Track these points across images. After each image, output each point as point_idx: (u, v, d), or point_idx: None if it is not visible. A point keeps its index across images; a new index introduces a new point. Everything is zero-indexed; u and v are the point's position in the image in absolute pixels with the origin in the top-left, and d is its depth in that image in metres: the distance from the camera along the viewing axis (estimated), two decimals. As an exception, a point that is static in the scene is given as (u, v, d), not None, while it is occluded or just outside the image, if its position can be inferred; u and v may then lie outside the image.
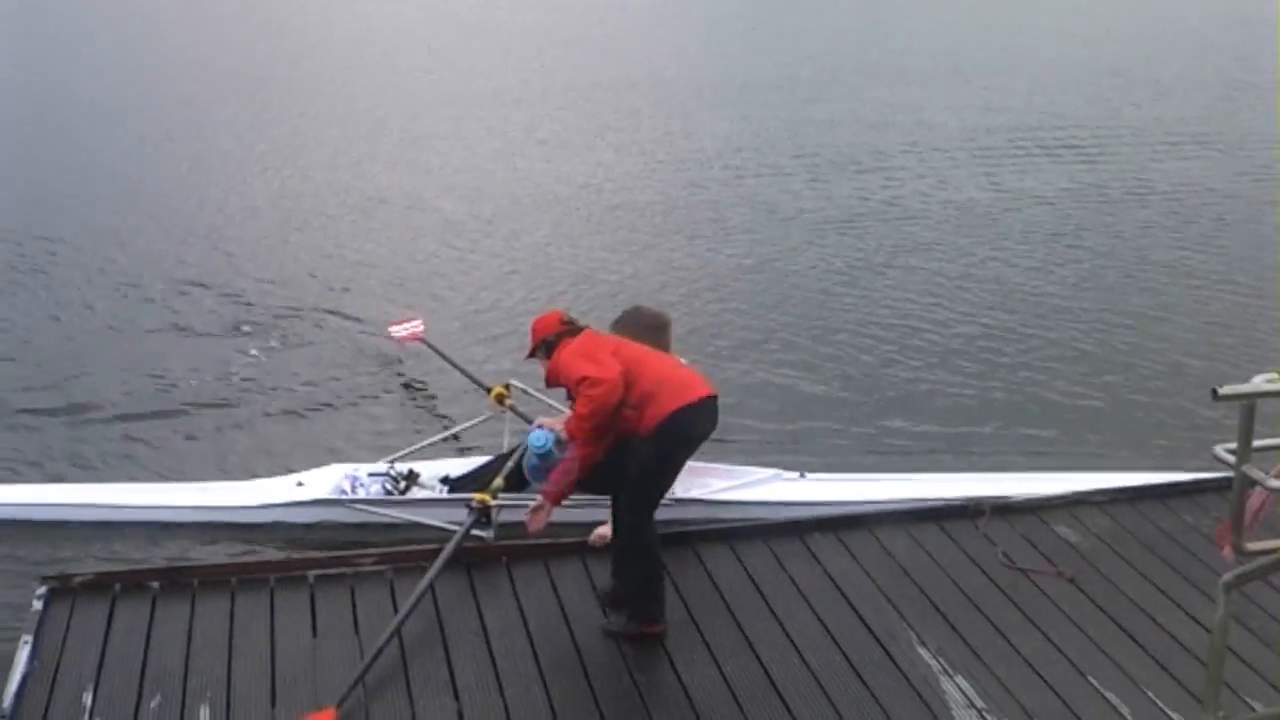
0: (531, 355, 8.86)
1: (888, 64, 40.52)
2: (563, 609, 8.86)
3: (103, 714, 7.76)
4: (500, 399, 11.17)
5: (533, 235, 21.35)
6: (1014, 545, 9.72)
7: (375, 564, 9.20)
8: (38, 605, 8.76)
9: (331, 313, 17.17)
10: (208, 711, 7.70)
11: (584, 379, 8.10)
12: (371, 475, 10.91)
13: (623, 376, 8.11)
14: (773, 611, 8.81)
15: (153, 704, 7.85)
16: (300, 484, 10.95)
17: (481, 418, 11.55)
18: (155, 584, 9.04)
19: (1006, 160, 27.30)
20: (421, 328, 14.15)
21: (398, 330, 14.48)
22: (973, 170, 26.28)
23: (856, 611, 8.80)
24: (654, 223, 22.10)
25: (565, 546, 9.52)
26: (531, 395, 11.16)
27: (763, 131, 30.05)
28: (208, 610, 8.79)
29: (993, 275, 19.07)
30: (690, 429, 8.29)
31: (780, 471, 11.28)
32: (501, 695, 7.90)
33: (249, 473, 12.07)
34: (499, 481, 9.52)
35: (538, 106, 33.60)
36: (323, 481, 10.86)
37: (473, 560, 9.37)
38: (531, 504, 8.81)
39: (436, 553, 8.99)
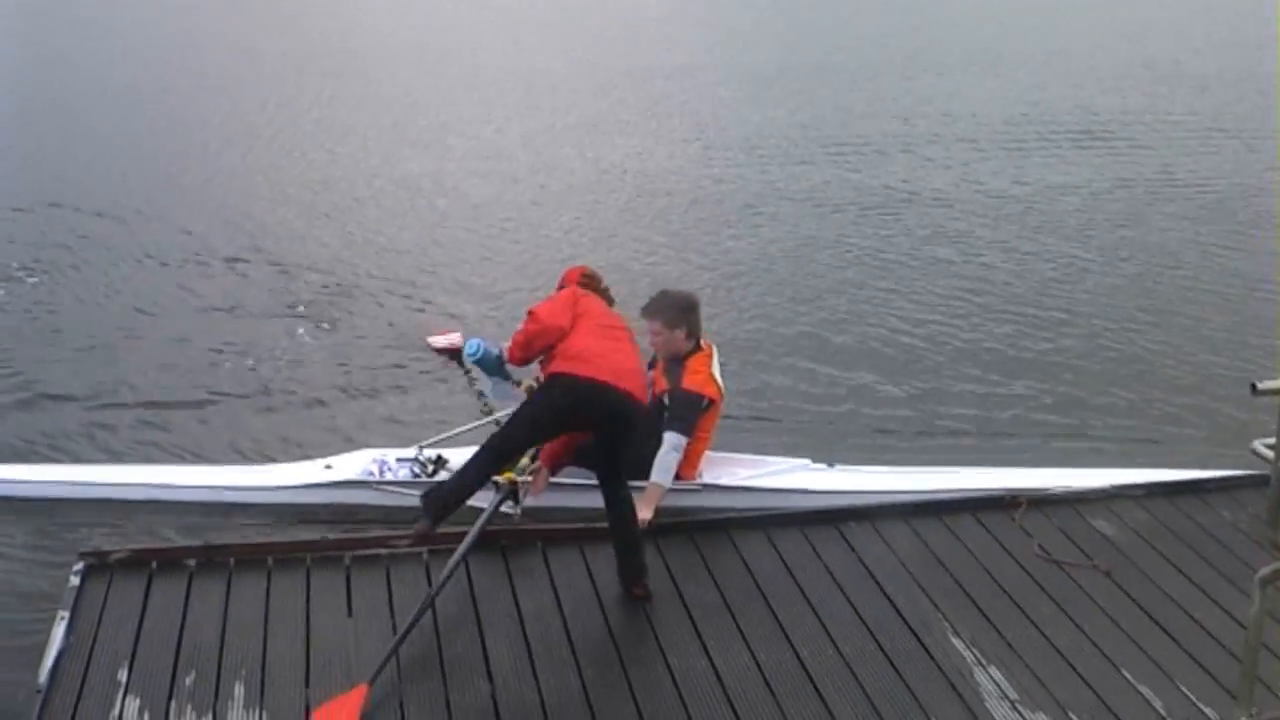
0: None
1: (923, 54, 40.35)
2: (597, 593, 8.90)
3: (138, 690, 7.81)
4: (529, 392, 11.19)
5: (563, 221, 21.37)
6: (1050, 537, 9.72)
7: (411, 545, 9.23)
8: (74, 581, 8.82)
9: (363, 299, 17.17)
10: (242, 689, 7.74)
11: (530, 313, 8.84)
12: (400, 460, 10.92)
13: (558, 329, 8.66)
14: (807, 599, 8.83)
15: (187, 681, 7.90)
16: (328, 467, 10.97)
17: (512, 406, 11.60)
18: (191, 562, 9.10)
19: (1040, 152, 27.17)
20: (460, 340, 14.16)
21: (437, 341, 14.64)
22: (1006, 162, 26.14)
23: (891, 601, 8.82)
24: (685, 209, 22.06)
25: (602, 531, 9.52)
26: None
27: (795, 120, 29.92)
28: (244, 589, 8.85)
29: (1026, 267, 18.97)
30: (577, 398, 8.49)
31: (808, 461, 11.26)
32: (535, 678, 7.94)
33: (279, 456, 12.12)
34: (524, 460, 9.56)
35: (568, 93, 33.65)
36: (351, 465, 10.88)
37: (508, 543, 9.43)
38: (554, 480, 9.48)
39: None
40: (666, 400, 10.05)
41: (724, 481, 10.55)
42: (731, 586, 8.99)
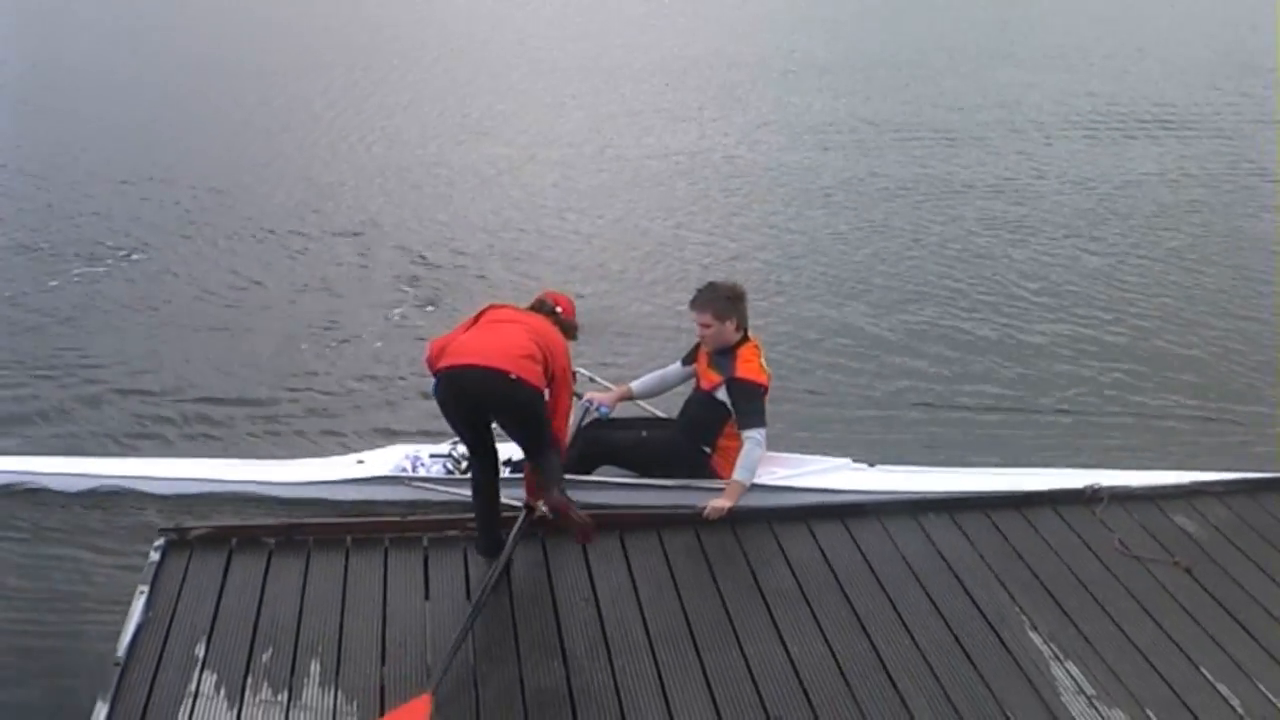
0: None
1: (995, 45, 40.32)
2: (674, 579, 8.93)
3: (214, 666, 7.91)
4: None
5: (627, 210, 21.48)
6: (1130, 532, 9.68)
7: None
8: (154, 557, 8.93)
9: (417, 294, 17.27)
10: (318, 666, 7.84)
11: None
12: (433, 456, 10.86)
13: (433, 352, 8.84)
14: (884, 590, 8.83)
15: (264, 657, 8.01)
16: (360, 462, 10.97)
17: None
18: (271, 540, 9.20)
19: (1113, 143, 27.08)
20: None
21: None
22: (1074, 156, 25.96)
23: (968, 593, 8.81)
24: (747, 198, 22.18)
25: (679, 517, 9.61)
26: (596, 382, 11.13)
27: (860, 110, 30.01)
28: (322, 568, 8.95)
29: (1092, 263, 18.83)
30: (447, 386, 8.66)
31: (849, 460, 11.13)
32: (609, 662, 7.99)
33: (316, 452, 12.11)
34: None
35: (636, 81, 33.78)
36: (383, 460, 10.84)
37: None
38: (587, 480, 9.70)
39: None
40: (720, 394, 9.93)
41: (764, 481, 10.34)
42: (809, 576, 9.00)
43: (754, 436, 9.68)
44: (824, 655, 8.09)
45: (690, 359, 10.43)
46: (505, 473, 9.55)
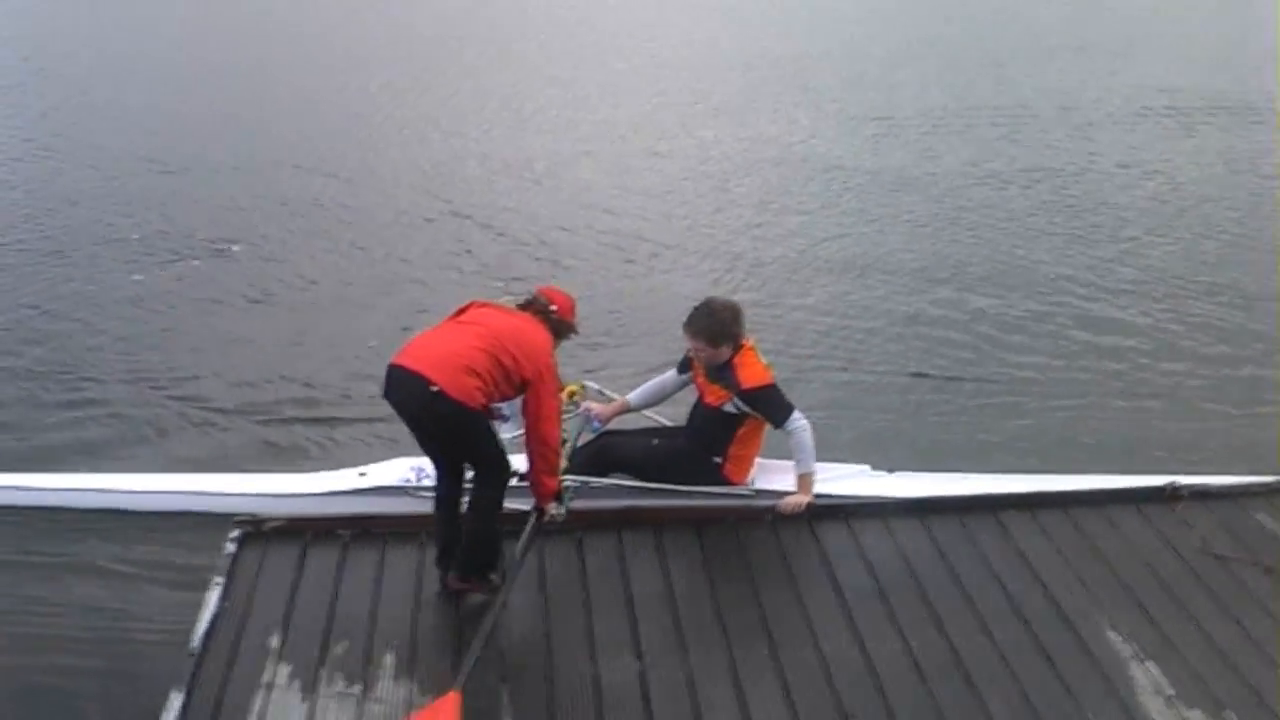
0: None
1: (1074, 38, 40.06)
2: (751, 575, 8.93)
3: (289, 657, 7.98)
4: (572, 396, 11.02)
5: (698, 206, 21.62)
6: (1212, 531, 9.60)
7: (565, 524, 9.29)
8: (230, 548, 9.01)
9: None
10: (392, 659, 7.89)
11: None
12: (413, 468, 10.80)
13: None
14: (963, 587, 8.81)
15: (338, 649, 8.06)
16: (363, 474, 10.82)
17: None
18: (345, 533, 9.25)
19: (1178, 135, 26.95)
20: None
21: None
22: (1138, 147, 25.96)
23: (1048, 591, 8.77)
24: (816, 196, 22.20)
25: (757, 510, 9.64)
26: (605, 395, 11.07)
27: (935, 108, 29.83)
28: (396, 561, 8.99)
29: (1167, 260, 18.80)
30: (385, 384, 8.35)
31: (867, 467, 10.95)
32: (685, 658, 7.99)
33: (313, 464, 12.04)
34: (563, 464, 9.41)
35: (711, 77, 33.85)
36: (386, 473, 10.68)
37: (664, 523, 9.50)
38: (594, 484, 9.56)
39: (625, 513, 9.40)
40: (731, 408, 9.77)
41: (778, 487, 10.14)
42: (886, 572, 8.98)
43: (796, 423, 9.58)
44: (901, 653, 8.07)
45: (686, 367, 10.24)
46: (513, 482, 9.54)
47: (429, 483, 9.57)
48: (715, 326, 9.54)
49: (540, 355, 8.41)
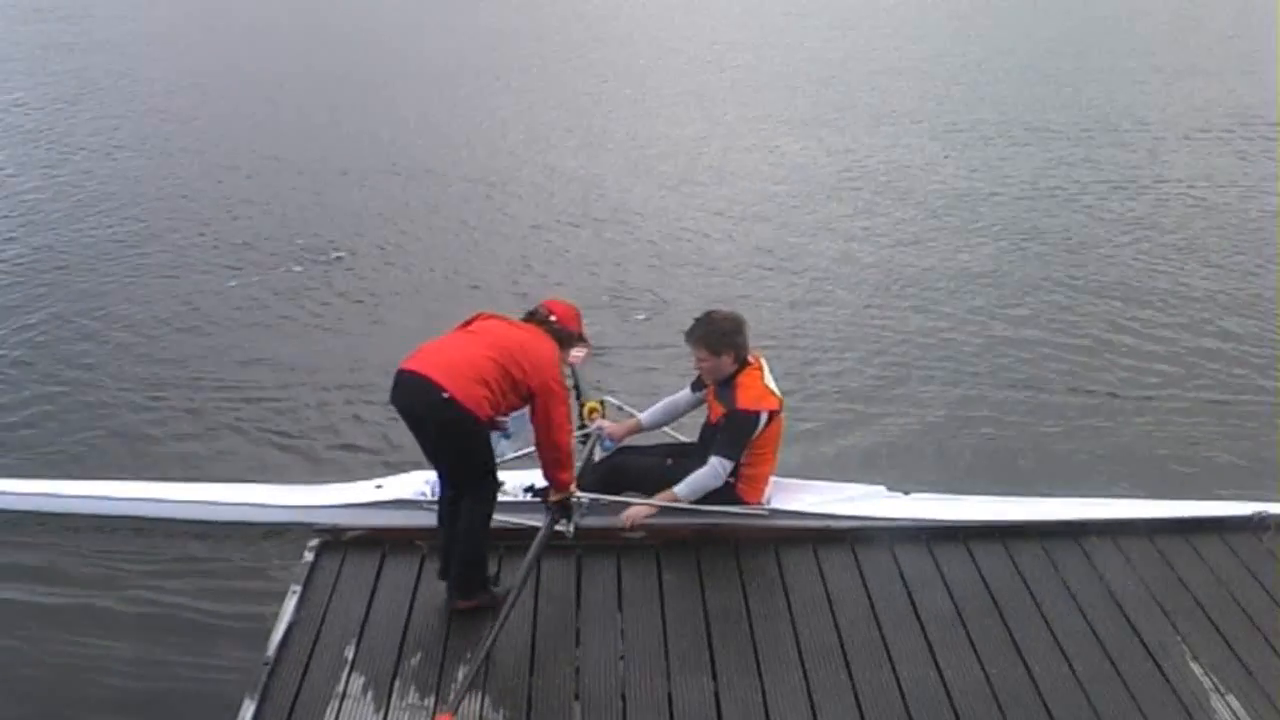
0: None
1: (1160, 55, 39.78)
2: (829, 596, 8.92)
3: (363, 668, 8.07)
4: (591, 413, 10.96)
5: (780, 224, 21.41)
6: (1300, 563, 9.52)
7: (646, 539, 9.41)
8: (308, 557, 9.10)
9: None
10: (466, 673, 7.86)
11: None
12: (426, 481, 10.68)
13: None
14: (1043, 614, 8.76)
15: (413, 661, 8.14)
16: (379, 487, 10.65)
17: (583, 430, 11.36)
18: (424, 544, 9.31)
19: (1243, 155, 26.58)
20: (583, 354, 13.25)
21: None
22: (1195, 164, 25.63)
23: (1129, 620, 8.70)
24: (895, 210, 22.08)
25: (836, 532, 9.64)
26: (625, 411, 10.99)
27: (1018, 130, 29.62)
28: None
29: (1251, 281, 18.53)
30: (392, 390, 8.47)
31: (883, 488, 10.71)
32: (759, 678, 8.00)
33: (332, 475, 11.73)
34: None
35: (797, 91, 33.83)
36: (402, 486, 10.48)
37: (741, 543, 9.52)
38: (605, 500, 9.50)
39: (702, 530, 9.42)
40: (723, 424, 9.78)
41: (793, 507, 10.10)
42: (965, 597, 8.96)
43: (715, 465, 9.48)
44: (978, 679, 8.04)
45: (700, 385, 10.20)
46: (525, 497, 9.52)
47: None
48: (714, 334, 9.53)
49: (547, 367, 8.56)
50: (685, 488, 9.48)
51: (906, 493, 10.69)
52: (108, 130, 27.89)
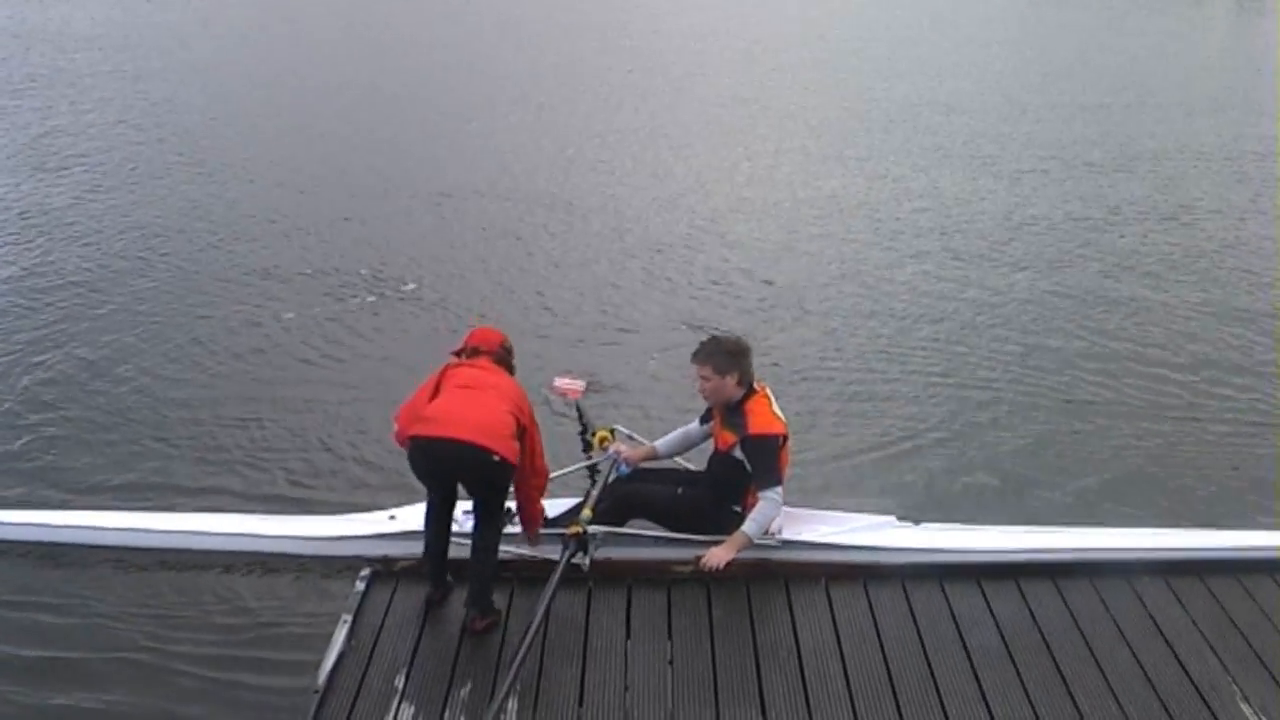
0: None
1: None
2: (879, 632, 8.96)
3: (413, 698, 8.12)
4: (602, 442, 11.01)
5: (818, 256, 21.39)
6: (1355, 602, 9.47)
7: (693, 570, 9.43)
8: (359, 587, 9.19)
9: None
10: (515, 704, 7.95)
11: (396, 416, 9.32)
12: (466, 512, 10.55)
13: (404, 418, 9.10)
14: (1092, 653, 8.77)
15: (462, 692, 8.19)
16: (392, 518, 10.67)
17: (586, 461, 11.36)
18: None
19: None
20: (583, 387, 13.24)
21: (562, 383, 12.79)
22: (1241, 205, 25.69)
23: (1179, 660, 8.71)
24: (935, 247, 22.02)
25: (886, 569, 9.68)
26: (634, 439, 11.02)
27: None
28: (524, 605, 9.12)
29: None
30: (424, 456, 8.95)
31: (893, 519, 10.74)
32: (808, 713, 8.04)
33: (342, 507, 11.63)
34: (586, 513, 9.55)
35: (839, 125, 33.89)
36: (415, 516, 10.24)
37: (791, 578, 9.57)
38: (620, 530, 9.74)
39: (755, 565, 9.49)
40: (738, 453, 9.76)
41: (805, 538, 10.18)
42: (1016, 635, 8.97)
43: (770, 496, 9.54)
44: (1025, 716, 8.05)
45: (707, 417, 10.31)
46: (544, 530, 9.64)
47: (457, 528, 9.64)
48: (720, 354, 9.70)
49: (526, 403, 9.25)
50: (753, 525, 9.51)
51: (916, 522, 10.78)
52: (171, 153, 28.03)
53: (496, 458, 8.66)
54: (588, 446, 11.36)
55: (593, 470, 11.03)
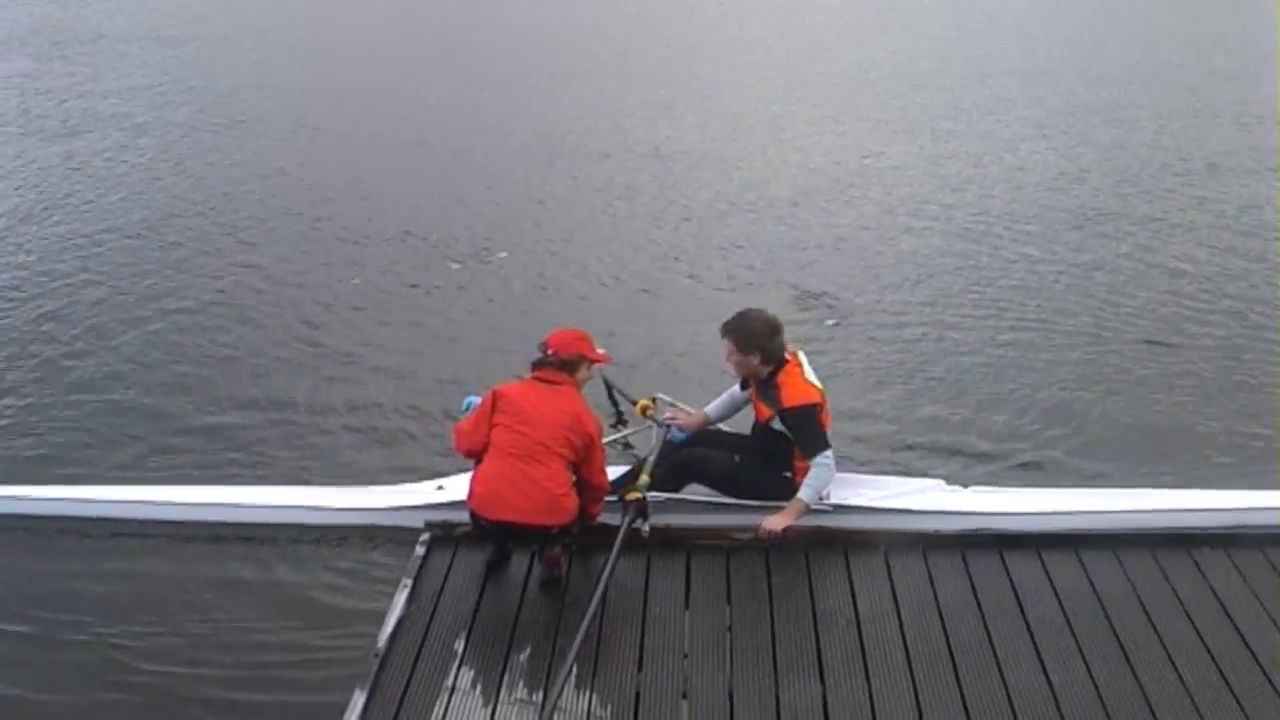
0: None
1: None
2: (937, 600, 9.00)
3: (472, 662, 8.22)
4: (644, 410, 11.02)
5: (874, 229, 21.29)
6: None
7: (752, 537, 9.49)
8: (419, 551, 9.29)
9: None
10: (574, 669, 7.93)
11: (455, 432, 9.53)
12: None
13: (472, 453, 9.24)
14: (1152, 622, 8.77)
15: (521, 656, 8.28)
16: (440, 488, 10.66)
17: (631, 430, 11.38)
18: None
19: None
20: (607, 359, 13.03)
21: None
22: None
23: (1239, 631, 8.69)
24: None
25: (944, 538, 9.72)
26: (678, 406, 11.03)
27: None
28: (584, 571, 9.24)
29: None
30: (490, 536, 9.28)
31: (942, 482, 10.84)
32: (867, 681, 8.07)
33: (398, 475, 11.65)
34: (645, 478, 9.54)
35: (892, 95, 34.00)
36: (463, 486, 10.02)
37: (851, 546, 9.61)
38: (679, 496, 9.84)
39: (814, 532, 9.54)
40: (777, 425, 9.81)
41: (854, 502, 10.20)
42: (1075, 605, 8.97)
43: (821, 461, 9.62)
44: (1085, 685, 8.07)
45: (746, 384, 10.32)
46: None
47: None
48: (744, 333, 9.72)
49: (586, 421, 9.16)
50: (809, 490, 9.59)
51: (965, 485, 10.84)
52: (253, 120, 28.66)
53: (554, 530, 8.97)
54: (618, 420, 11.47)
55: (626, 443, 11.20)
